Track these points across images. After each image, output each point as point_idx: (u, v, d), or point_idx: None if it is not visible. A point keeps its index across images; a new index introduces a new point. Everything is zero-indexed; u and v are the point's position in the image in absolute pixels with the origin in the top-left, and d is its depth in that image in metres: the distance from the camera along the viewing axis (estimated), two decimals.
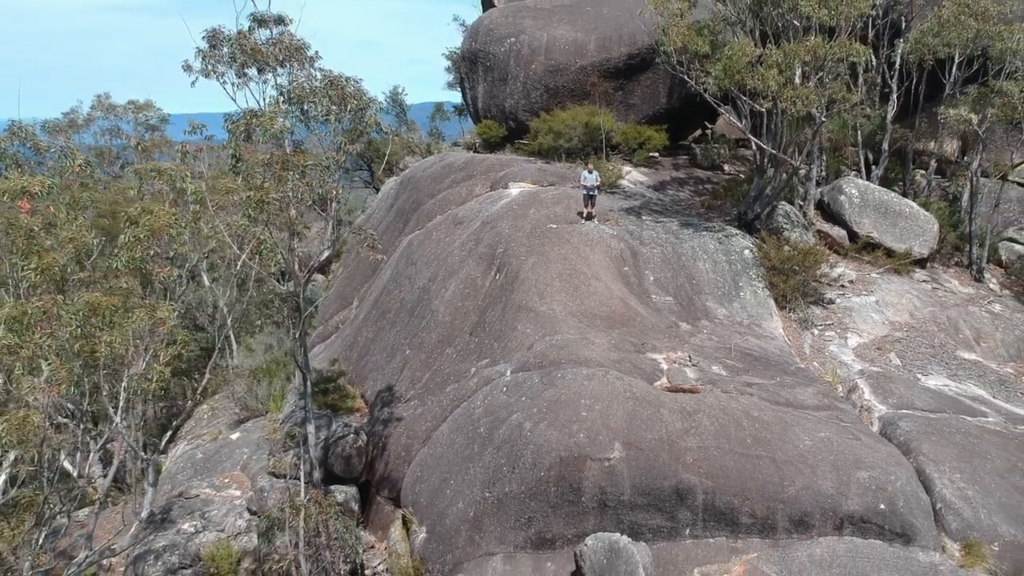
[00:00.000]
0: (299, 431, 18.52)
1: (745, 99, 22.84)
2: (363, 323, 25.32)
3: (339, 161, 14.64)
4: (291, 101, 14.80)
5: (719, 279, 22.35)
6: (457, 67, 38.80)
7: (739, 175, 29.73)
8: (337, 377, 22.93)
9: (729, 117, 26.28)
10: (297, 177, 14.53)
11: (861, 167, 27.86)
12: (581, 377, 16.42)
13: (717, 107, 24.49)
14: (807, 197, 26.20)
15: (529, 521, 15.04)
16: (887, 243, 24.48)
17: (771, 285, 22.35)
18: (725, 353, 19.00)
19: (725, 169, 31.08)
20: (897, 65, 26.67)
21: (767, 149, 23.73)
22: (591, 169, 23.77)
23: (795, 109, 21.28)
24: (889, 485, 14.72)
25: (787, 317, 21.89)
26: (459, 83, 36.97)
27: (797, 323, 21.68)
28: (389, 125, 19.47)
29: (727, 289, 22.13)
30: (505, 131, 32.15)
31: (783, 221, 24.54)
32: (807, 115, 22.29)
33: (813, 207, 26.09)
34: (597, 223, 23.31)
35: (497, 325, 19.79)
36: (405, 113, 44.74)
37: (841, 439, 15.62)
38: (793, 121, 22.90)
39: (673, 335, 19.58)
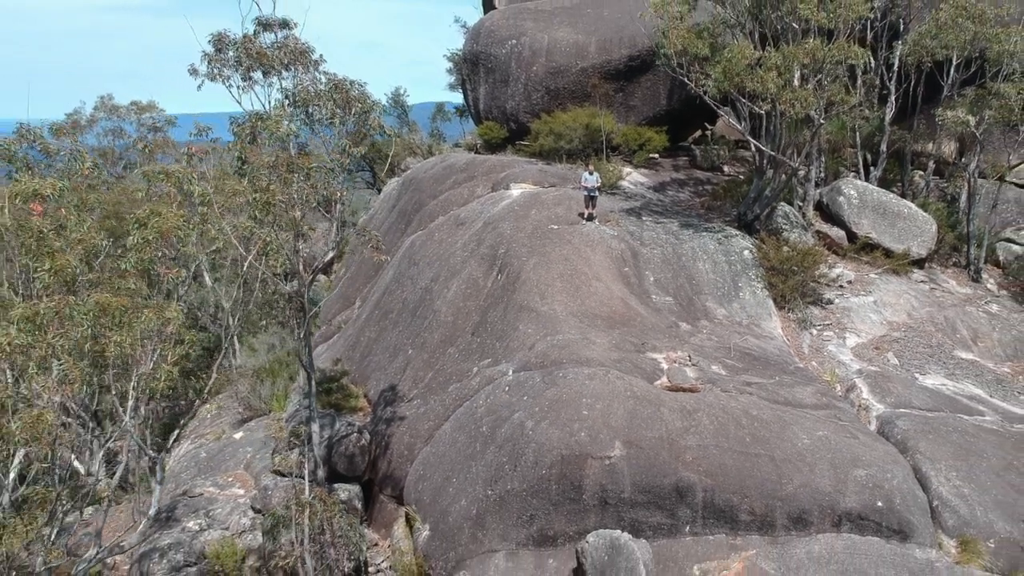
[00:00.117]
0: (303, 430, 18.70)
1: (744, 101, 23.00)
2: (366, 323, 25.44)
3: (343, 164, 14.83)
4: (296, 104, 15.00)
5: (719, 279, 22.52)
6: (458, 69, 38.87)
7: (739, 176, 29.83)
8: (340, 377, 23.05)
9: (728, 119, 26.44)
10: (302, 179, 14.72)
11: (860, 168, 27.96)
12: (582, 376, 16.57)
13: (717, 109, 24.65)
14: (806, 198, 26.33)
15: (531, 519, 15.20)
16: (885, 244, 24.61)
17: (770, 285, 22.51)
18: (725, 353, 19.16)
19: (725, 170, 31.17)
20: (895, 67, 26.79)
21: (766, 151, 23.86)
22: (592, 170, 23.91)
23: (794, 111, 21.42)
24: (886, 483, 14.89)
25: (786, 317, 22.06)
26: (460, 84, 37.06)
27: (796, 323, 21.84)
28: (391, 126, 19.61)
29: (727, 289, 22.30)
30: (506, 132, 32.25)
31: (782, 222, 24.69)
32: (806, 117, 22.41)
33: (812, 208, 26.22)
34: (598, 224, 23.45)
35: (499, 325, 19.94)
36: (407, 114, 44.86)
37: (839, 438, 15.78)
38: (792, 123, 22.99)
39: (673, 335, 19.75)
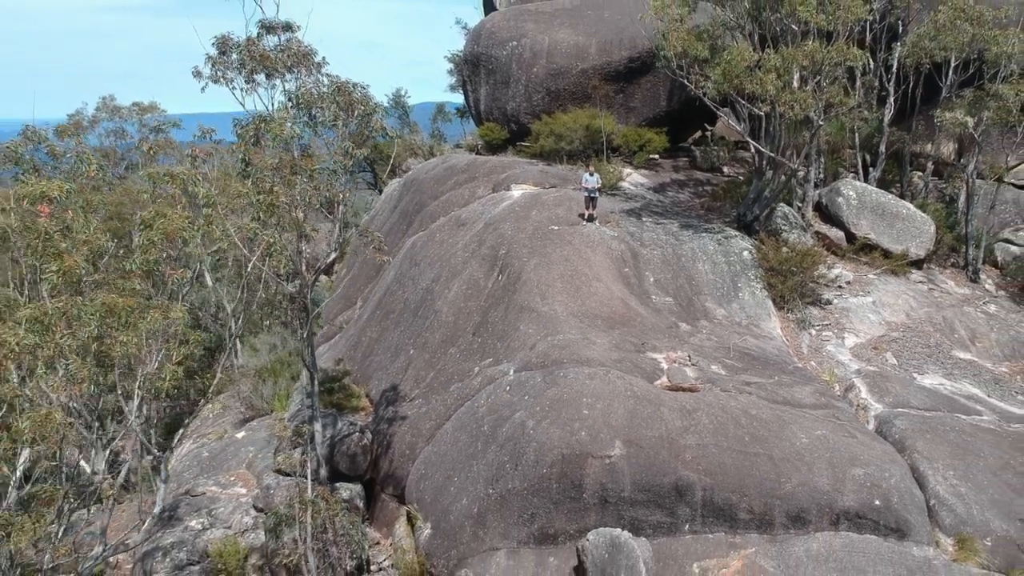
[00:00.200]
0: (306, 429, 18.82)
1: (744, 103, 23.12)
2: (367, 323, 25.56)
3: (346, 165, 14.96)
4: (299, 106, 15.14)
5: (718, 280, 22.65)
6: (459, 70, 39.00)
7: (738, 177, 29.96)
8: (342, 377, 23.18)
9: (728, 120, 26.57)
10: (305, 181, 14.86)
11: (859, 169, 28.12)
12: (583, 376, 16.69)
13: (716, 110, 24.78)
14: (805, 199, 26.47)
15: (532, 517, 15.32)
16: (884, 244, 24.75)
17: (769, 286, 22.64)
18: (724, 353, 19.29)
19: (724, 171, 31.31)
20: (894, 68, 26.95)
21: (765, 152, 23.97)
22: (592, 171, 24.02)
23: (793, 113, 21.53)
24: (884, 482, 15.01)
25: (785, 317, 22.19)
26: (461, 86, 37.18)
27: (795, 323, 21.97)
28: (392, 128, 19.78)
29: (726, 290, 22.43)
30: (507, 133, 32.41)
31: (781, 223, 24.82)
32: (805, 118, 22.51)
33: (811, 209, 26.36)
34: (598, 225, 23.57)
35: (500, 325, 20.06)
36: (408, 115, 45.00)
37: (837, 437, 15.90)
38: (791, 124, 23.09)
39: (673, 335, 19.87)
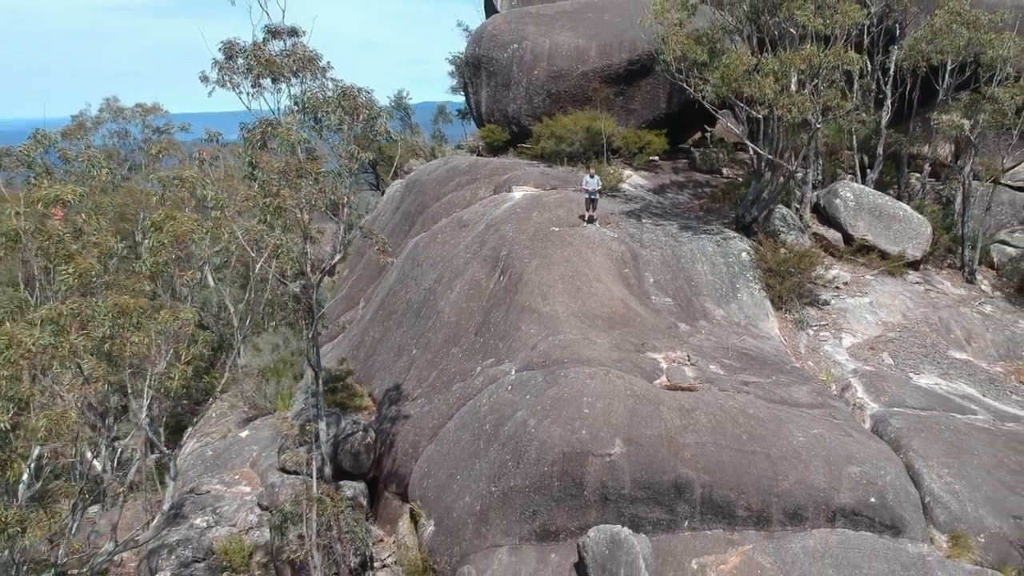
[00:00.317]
0: (311, 428, 19.07)
1: (742, 106, 23.36)
2: (370, 323, 25.80)
3: (351, 168, 15.22)
4: (305, 110, 15.40)
5: (717, 281, 22.90)
6: (461, 72, 39.19)
7: (737, 179, 30.19)
8: (345, 376, 23.41)
9: (727, 122, 26.83)
10: (311, 184, 15.12)
11: (857, 171, 28.35)
12: (583, 376, 16.93)
13: (715, 113, 25.03)
14: (803, 200, 26.71)
15: (534, 514, 15.57)
16: (881, 245, 25.01)
17: (768, 287, 22.89)
18: (723, 353, 19.54)
19: (723, 173, 31.54)
20: (891, 71, 27.21)
21: (764, 154, 24.19)
22: (593, 173, 24.26)
23: (791, 116, 21.76)
24: (879, 480, 15.26)
25: (783, 318, 22.45)
26: (463, 87, 37.39)
27: (793, 324, 22.23)
28: (394, 129, 20.02)
29: (725, 291, 22.67)
30: (508, 135, 32.63)
31: (780, 224, 25.07)
32: (803, 121, 22.76)
33: (809, 210, 26.60)
34: (598, 226, 23.80)
35: (501, 325, 20.31)
36: (409, 117, 45.22)
37: (834, 435, 16.15)
38: (789, 127, 23.31)
39: (672, 335, 20.12)
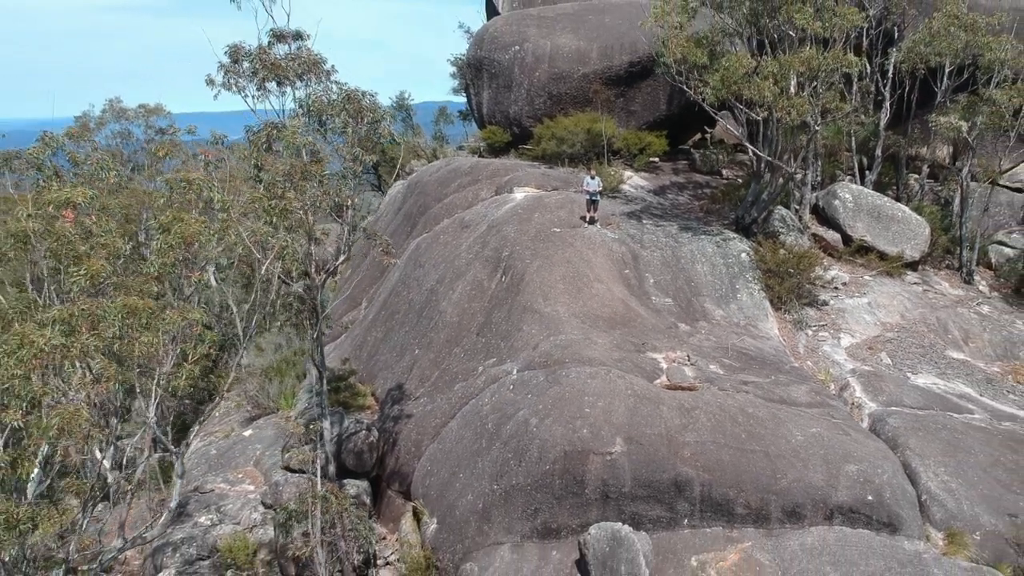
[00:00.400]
0: (314, 427, 19.26)
1: (742, 108, 23.53)
2: (372, 323, 26.00)
3: (356, 171, 15.43)
4: (310, 114, 15.61)
5: (717, 281, 23.09)
6: (462, 73, 39.41)
7: (737, 180, 30.37)
8: (348, 376, 23.61)
9: (727, 124, 27.02)
10: (315, 186, 15.33)
11: (855, 172, 28.52)
12: (584, 375, 17.12)
13: (714, 115, 25.21)
14: (802, 201, 26.87)
15: (535, 512, 15.76)
16: (880, 246, 25.17)
17: (767, 287, 23.06)
18: (722, 353, 19.73)
19: (723, 174, 31.72)
20: (890, 73, 27.40)
21: (763, 156, 24.36)
22: (594, 174, 24.43)
23: (790, 118, 21.93)
24: (876, 478, 15.46)
25: (782, 318, 22.64)
26: (464, 89, 37.60)
27: (792, 324, 22.42)
28: (396, 131, 20.23)
29: (724, 291, 22.86)
30: (509, 136, 32.84)
31: (779, 225, 25.25)
32: (802, 123, 22.95)
33: (808, 211, 26.76)
34: (599, 227, 23.98)
35: (503, 326, 20.51)
36: (411, 118, 45.45)
37: (832, 434, 16.34)
38: (789, 129, 23.49)
39: (672, 335, 20.31)
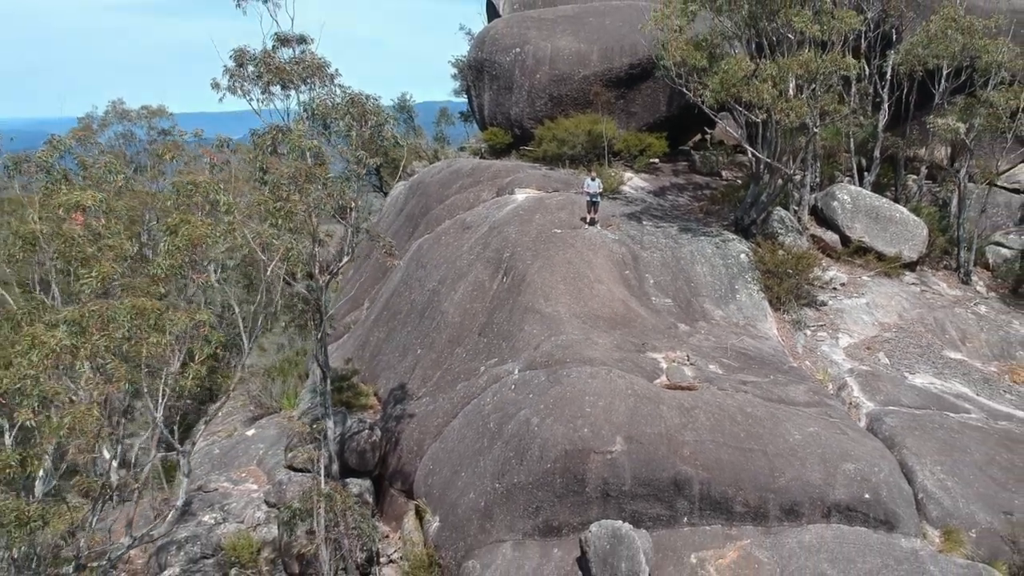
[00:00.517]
0: (318, 426, 19.44)
1: (741, 110, 23.72)
2: (375, 324, 26.19)
3: (359, 173, 15.63)
4: (314, 117, 15.81)
5: (716, 282, 23.27)
6: (464, 75, 39.61)
7: (736, 181, 30.57)
8: (351, 376, 23.82)
9: (726, 125, 27.20)
10: (319, 188, 15.52)
11: (854, 173, 28.68)
12: (585, 375, 17.31)
13: (714, 117, 25.39)
14: (801, 203, 27.04)
15: (537, 510, 15.95)
16: (878, 247, 25.34)
17: (766, 288, 23.24)
18: (721, 353, 19.92)
19: (723, 175, 31.92)
20: (888, 75, 27.58)
21: (763, 157, 24.54)
22: (594, 176, 24.64)
23: (788, 120, 22.12)
24: (873, 476, 15.65)
25: (781, 318, 22.83)
26: (466, 90, 37.80)
27: (790, 324, 22.61)
28: (399, 133, 20.43)
29: (724, 292, 23.05)
30: (511, 138, 33.05)
31: (778, 226, 25.43)
32: (801, 125, 23.14)
33: (807, 212, 26.93)
34: (600, 228, 24.16)
35: (505, 326, 20.70)
36: (413, 120, 45.66)
37: (829, 433, 16.53)
38: (787, 130, 23.66)
39: (672, 335, 20.50)
